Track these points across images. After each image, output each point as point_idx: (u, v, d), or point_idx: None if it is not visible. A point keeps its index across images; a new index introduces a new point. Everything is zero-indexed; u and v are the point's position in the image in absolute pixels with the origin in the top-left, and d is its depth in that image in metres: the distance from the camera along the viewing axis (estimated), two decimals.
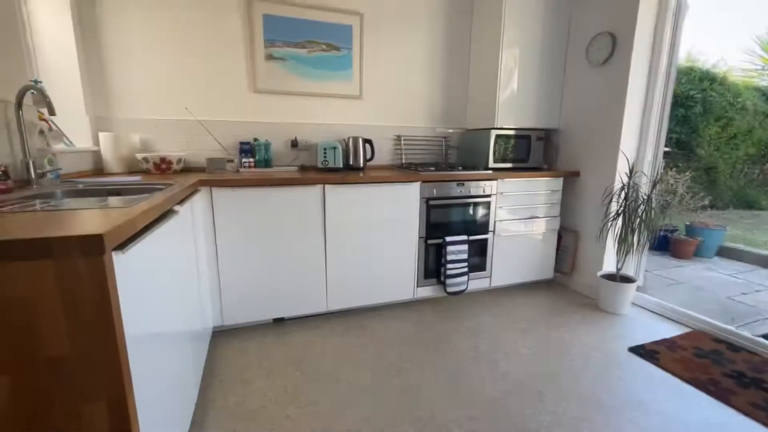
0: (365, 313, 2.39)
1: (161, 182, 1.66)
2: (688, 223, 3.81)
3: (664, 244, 3.82)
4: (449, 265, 2.42)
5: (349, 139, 2.59)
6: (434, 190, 2.37)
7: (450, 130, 3.02)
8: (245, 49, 2.41)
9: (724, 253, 3.82)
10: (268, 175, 2.09)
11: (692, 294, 2.86)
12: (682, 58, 4.98)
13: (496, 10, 2.58)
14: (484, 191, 2.50)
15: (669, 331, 2.21)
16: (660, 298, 2.54)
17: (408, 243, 2.36)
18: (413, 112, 2.90)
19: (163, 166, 2.17)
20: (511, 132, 2.72)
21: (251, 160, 2.40)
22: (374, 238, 2.27)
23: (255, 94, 2.48)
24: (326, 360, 1.88)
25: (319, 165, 2.46)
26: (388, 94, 2.80)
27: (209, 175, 2.05)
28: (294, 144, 2.59)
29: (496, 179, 2.51)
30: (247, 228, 2.00)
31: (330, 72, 2.61)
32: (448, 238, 2.41)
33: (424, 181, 2.33)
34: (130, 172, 2.21)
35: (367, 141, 2.64)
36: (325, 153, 2.45)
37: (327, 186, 2.11)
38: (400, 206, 2.30)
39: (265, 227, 2.03)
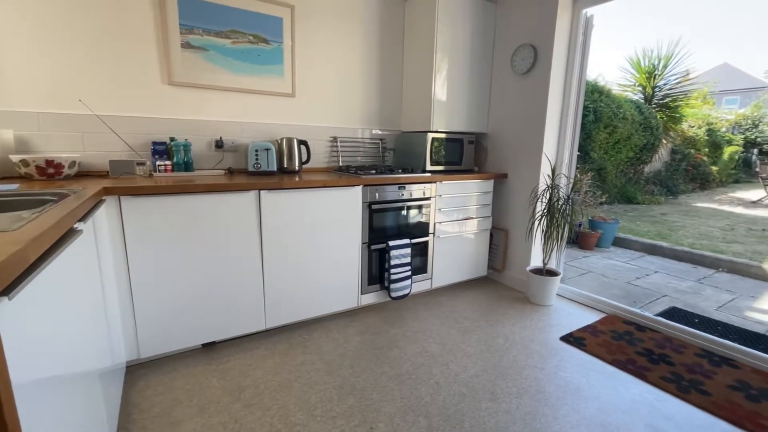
0: (308, 326, 2.23)
1: (51, 191, 1.33)
2: (591, 218, 4.31)
3: (573, 238, 4.28)
4: (393, 270, 2.38)
5: (282, 140, 2.40)
6: (376, 194, 2.31)
7: (384, 132, 2.98)
8: (157, 35, 2.08)
9: (618, 243, 4.41)
10: (189, 181, 1.82)
11: (600, 281, 3.23)
12: None
13: (429, 18, 2.61)
14: (424, 194, 2.51)
15: (589, 317, 2.45)
16: (576, 286, 2.82)
17: (351, 249, 2.27)
18: (349, 113, 2.81)
19: (50, 171, 1.76)
20: (446, 135, 2.78)
21: (167, 162, 2.08)
22: (316, 246, 2.13)
23: (170, 87, 2.16)
24: (270, 385, 1.70)
25: (251, 168, 2.24)
26: (323, 93, 2.66)
27: (115, 182, 1.72)
28: (219, 144, 2.31)
29: (435, 182, 2.54)
30: (167, 243, 1.72)
31: (259, 66, 2.39)
32: (392, 242, 2.37)
33: (366, 185, 2.25)
34: (2, 179, 1.76)
35: (302, 142, 2.47)
36: (257, 155, 2.23)
37: (263, 192, 1.91)
38: (343, 211, 2.19)
39: (188, 241, 1.76)
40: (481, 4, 2.76)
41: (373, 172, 2.42)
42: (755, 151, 12.46)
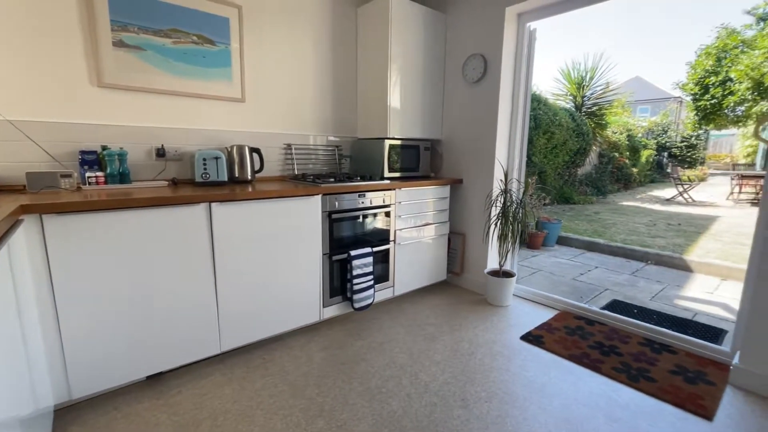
0: (268, 345, 2.10)
1: None
2: (536, 219, 4.57)
3: (525, 239, 4.50)
4: (356, 280, 2.32)
5: (233, 147, 2.25)
6: (336, 203, 2.24)
7: (340, 139, 2.92)
8: (83, 31, 1.85)
9: (561, 241, 4.72)
10: (127, 194, 1.63)
11: (550, 279, 3.42)
12: None
13: (382, 25, 2.61)
14: (384, 201, 2.48)
15: (544, 315, 2.56)
16: (529, 286, 2.95)
17: (312, 261, 2.17)
18: (303, 119, 2.71)
19: None
20: (402, 142, 2.78)
21: (99, 174, 1.85)
22: (274, 260, 2.01)
23: (100, 89, 1.93)
24: (230, 415, 1.56)
25: (198, 178, 2.07)
26: (276, 98, 2.54)
27: (35, 198, 1.49)
28: (161, 153, 2.11)
29: (394, 189, 2.52)
30: (101, 267, 1.52)
31: (205, 69, 2.22)
32: (353, 252, 2.31)
33: (325, 194, 2.17)
34: None
35: (254, 150, 2.34)
36: (205, 164, 2.06)
37: (214, 204, 1.76)
38: (301, 222, 2.09)
39: (127, 263, 1.57)
40: (432, 14, 2.81)
41: (332, 180, 2.35)
42: (665, 154, 14.12)
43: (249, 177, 2.29)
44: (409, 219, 2.66)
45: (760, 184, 8.33)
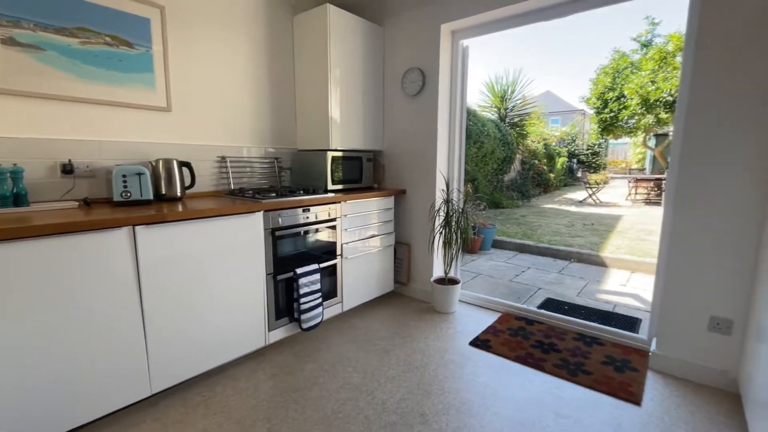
0: (209, 380, 1.90)
1: None
2: (475, 225, 4.79)
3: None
4: (303, 299, 2.21)
5: (158, 161, 2.02)
6: (280, 219, 2.11)
7: (279, 150, 2.79)
8: None
9: (496, 245, 5.00)
10: (23, 220, 1.37)
11: (489, 282, 3.59)
12: None
13: (320, 35, 2.55)
14: (329, 215, 2.41)
15: (488, 318, 2.67)
16: (471, 290, 3.07)
17: (254, 284, 2.02)
18: (239, 130, 2.54)
19: None
20: (345, 154, 2.74)
21: None
22: (212, 285, 1.83)
23: None
24: None
25: (118, 197, 1.82)
26: (207, 108, 2.35)
27: None
28: (68, 169, 1.82)
29: (339, 202, 2.46)
30: None
31: (122, 74, 1.97)
32: (299, 270, 2.20)
33: (267, 210, 2.04)
34: None
35: (184, 164, 2.13)
36: (125, 181, 1.83)
37: (139, 228, 1.56)
38: (242, 242, 1.94)
39: (28, 305, 1.32)
40: (369, 26, 2.82)
41: (273, 195, 2.22)
42: (575, 160, 15.85)
43: (179, 194, 2.08)
44: (356, 232, 2.62)
45: (650, 186, 9.70)
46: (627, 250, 4.49)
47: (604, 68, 12.07)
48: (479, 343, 2.31)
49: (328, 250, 2.43)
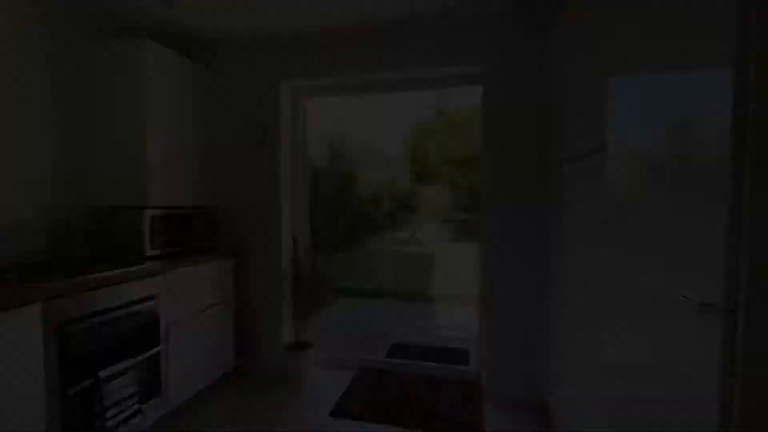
0: None
1: None
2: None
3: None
4: (111, 412, 1.63)
5: None
6: (71, 309, 1.53)
7: (66, 206, 2.09)
8: None
9: (341, 292, 5.02)
10: None
11: (339, 335, 3.51)
12: None
13: (132, 70, 2.12)
14: (149, 292, 1.91)
15: (344, 379, 2.54)
16: (323, 348, 2.92)
17: (24, 411, 1.37)
18: None
19: None
20: (170, 211, 2.28)
21: None
22: None
23: None
24: None
25: None
26: None
27: None
28: None
29: (164, 273, 1.99)
30: None
31: None
32: (104, 373, 1.62)
33: (50, 298, 1.46)
34: None
35: None
36: None
37: None
38: (2, 355, 1.30)
39: None
40: (193, 68, 2.48)
41: (60, 273, 1.61)
42: (396, 203, 18.02)
43: None
44: (184, 307, 2.15)
45: (455, 226, 11.80)
46: (447, 286, 5.21)
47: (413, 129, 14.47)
48: (343, 411, 2.17)
49: (148, 335, 1.90)
